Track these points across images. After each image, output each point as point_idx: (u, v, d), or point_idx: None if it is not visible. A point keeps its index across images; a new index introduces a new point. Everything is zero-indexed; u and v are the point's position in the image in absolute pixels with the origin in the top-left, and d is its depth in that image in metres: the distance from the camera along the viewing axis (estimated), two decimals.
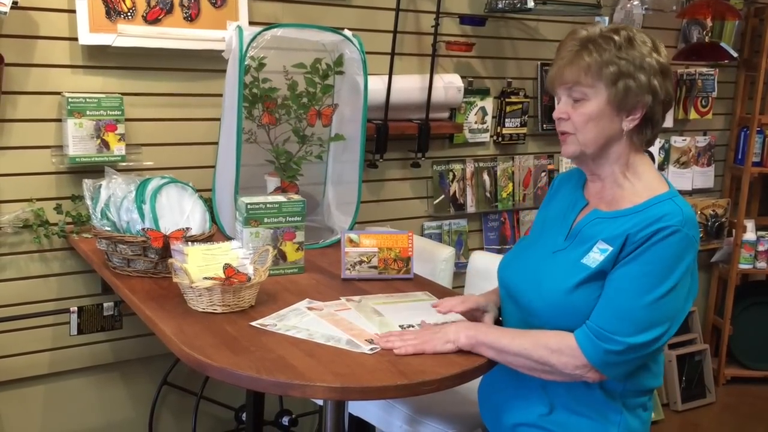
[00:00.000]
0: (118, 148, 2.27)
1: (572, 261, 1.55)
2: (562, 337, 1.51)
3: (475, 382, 1.69)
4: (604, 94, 1.53)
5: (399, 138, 2.80)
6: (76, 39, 2.21)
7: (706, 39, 3.45)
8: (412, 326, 1.65)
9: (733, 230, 3.79)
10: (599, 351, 1.47)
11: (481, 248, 3.15)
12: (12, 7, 2.01)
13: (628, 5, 3.18)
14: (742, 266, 3.78)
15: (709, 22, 3.42)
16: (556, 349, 1.50)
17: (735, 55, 3.51)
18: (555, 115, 1.59)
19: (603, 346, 1.47)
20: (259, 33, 2.14)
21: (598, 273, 1.51)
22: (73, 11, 2.19)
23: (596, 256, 1.52)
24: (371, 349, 1.52)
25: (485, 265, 2.26)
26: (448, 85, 2.83)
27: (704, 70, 3.64)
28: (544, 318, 1.56)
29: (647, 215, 1.50)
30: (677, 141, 3.70)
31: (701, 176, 3.81)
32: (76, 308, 2.35)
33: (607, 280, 1.51)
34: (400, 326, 1.64)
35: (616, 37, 1.53)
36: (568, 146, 1.59)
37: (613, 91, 1.52)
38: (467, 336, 1.54)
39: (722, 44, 3.48)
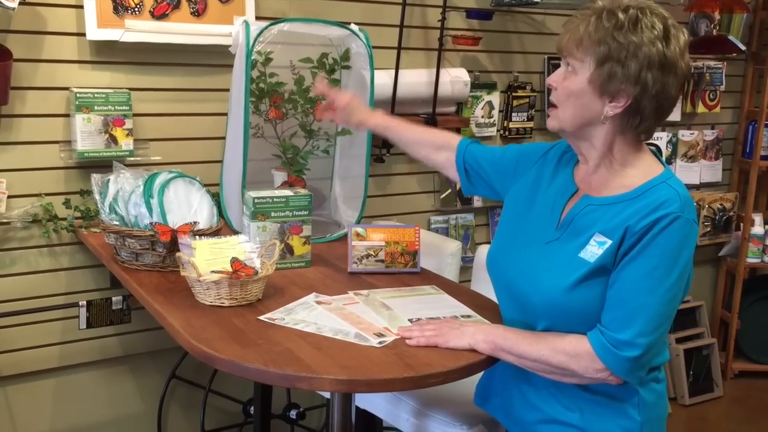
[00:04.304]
0: (126, 143, 2.28)
1: (569, 255, 1.49)
2: (578, 341, 1.46)
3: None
4: (588, 73, 1.44)
5: None
6: (84, 34, 2.21)
7: (714, 32, 3.44)
8: (421, 319, 1.65)
9: (741, 224, 3.79)
10: (620, 360, 1.42)
11: (488, 242, 3.14)
12: (20, 3, 2.02)
13: None
14: (749, 260, 3.77)
15: (716, 15, 3.41)
16: (574, 355, 1.46)
17: (743, 48, 3.50)
18: (547, 81, 1.52)
19: (623, 355, 1.42)
20: (266, 28, 2.14)
21: (598, 269, 1.45)
22: (81, 7, 2.20)
23: (594, 249, 1.46)
24: (380, 343, 1.53)
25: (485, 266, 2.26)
26: (455, 79, 2.83)
27: (712, 63, 3.63)
28: (544, 317, 1.52)
29: (644, 203, 1.44)
30: (685, 135, 3.69)
31: (709, 170, 3.80)
32: (85, 302, 2.36)
33: (614, 280, 1.45)
34: (409, 320, 1.65)
35: (621, 16, 1.42)
36: (550, 119, 1.54)
37: (598, 71, 1.43)
38: (486, 341, 1.52)
39: (730, 37, 3.46)
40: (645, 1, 1.47)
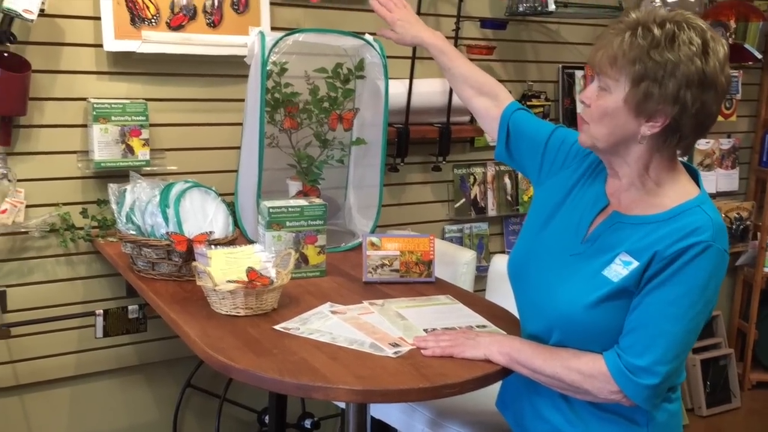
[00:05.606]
0: (142, 153, 2.30)
1: (592, 271, 1.46)
2: (594, 361, 1.44)
3: (498, 386, 1.69)
4: (623, 92, 1.38)
5: (420, 142, 2.80)
6: (101, 46, 2.23)
7: (730, 40, 3.42)
8: (436, 329, 1.65)
9: (758, 233, 3.75)
10: (637, 387, 1.40)
11: (503, 252, 3.14)
12: (39, 15, 2.04)
13: (650, 7, 3.16)
14: (767, 270, 3.74)
15: (732, 24, 3.40)
16: (588, 375, 1.43)
17: (759, 56, 3.48)
18: (579, 97, 1.50)
19: (641, 382, 1.39)
20: (281, 38, 2.15)
21: (621, 290, 1.42)
22: (99, 18, 2.22)
23: (619, 269, 1.42)
24: (395, 353, 1.53)
25: (506, 269, 2.26)
26: None
27: None
28: (558, 330, 1.50)
29: (676, 227, 1.39)
30: (701, 143, 3.67)
31: (725, 179, 3.78)
32: (101, 311, 2.38)
33: (637, 304, 1.41)
34: (424, 330, 1.65)
35: (657, 32, 1.35)
36: (581, 135, 1.49)
37: (633, 92, 1.37)
38: (501, 352, 1.51)
39: (746, 46, 3.44)
40: (682, 13, 1.41)
